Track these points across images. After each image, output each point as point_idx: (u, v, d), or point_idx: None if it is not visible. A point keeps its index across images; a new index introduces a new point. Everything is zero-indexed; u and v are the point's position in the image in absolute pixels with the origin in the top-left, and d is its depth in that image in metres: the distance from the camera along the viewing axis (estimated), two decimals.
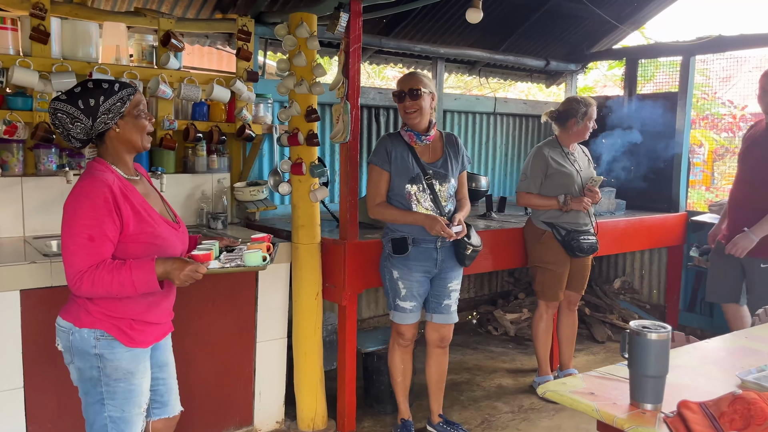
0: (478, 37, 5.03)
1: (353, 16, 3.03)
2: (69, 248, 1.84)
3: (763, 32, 4.67)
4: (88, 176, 1.90)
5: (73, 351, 1.94)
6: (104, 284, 1.83)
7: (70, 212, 1.85)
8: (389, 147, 3.01)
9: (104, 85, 1.92)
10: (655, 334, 1.54)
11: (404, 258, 3.01)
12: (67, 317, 1.95)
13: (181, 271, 1.88)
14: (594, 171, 3.81)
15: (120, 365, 1.93)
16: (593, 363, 4.42)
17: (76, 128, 1.90)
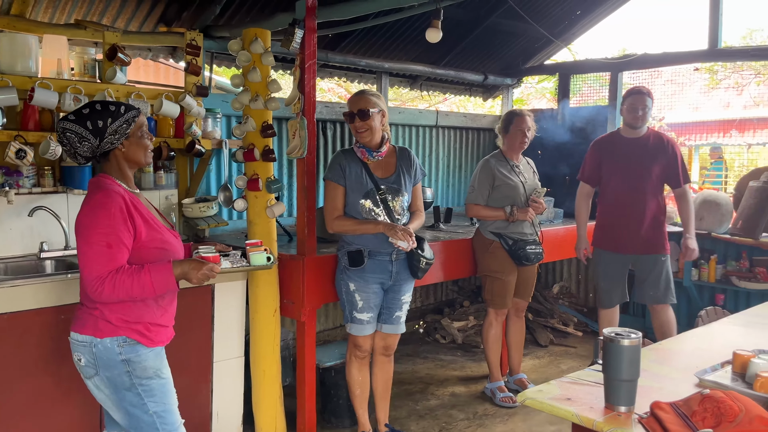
0: (421, 52, 5.15)
1: (308, 33, 3.04)
2: (88, 255, 1.93)
3: (683, 50, 5.03)
4: (100, 189, 2.00)
5: (98, 363, 2.01)
6: (125, 287, 1.93)
7: (87, 222, 1.95)
8: (343, 163, 3.04)
9: (111, 107, 2.03)
10: (627, 340, 1.64)
11: (360, 270, 3.04)
12: (85, 331, 2.02)
13: (199, 271, 2.04)
14: (539, 182, 3.97)
15: (147, 364, 2.04)
16: (539, 366, 4.58)
17: (83, 147, 2.01)
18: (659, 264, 3.92)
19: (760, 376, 1.73)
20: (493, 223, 3.80)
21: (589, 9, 5.42)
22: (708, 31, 4.81)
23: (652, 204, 3.86)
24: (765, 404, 1.60)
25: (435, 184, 5.58)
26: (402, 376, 4.28)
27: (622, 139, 3.96)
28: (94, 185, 2.04)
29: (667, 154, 3.89)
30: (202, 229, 3.71)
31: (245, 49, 3.09)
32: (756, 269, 4.66)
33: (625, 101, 3.93)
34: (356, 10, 3.19)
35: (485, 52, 5.54)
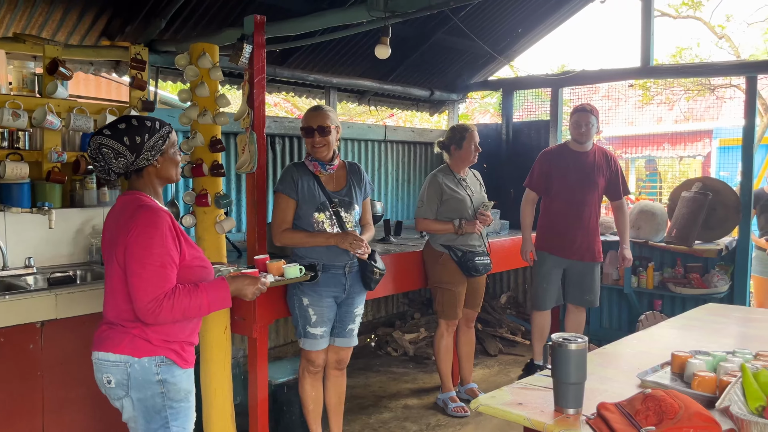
0: (368, 68, 5.21)
1: (257, 48, 3.05)
2: (142, 277, 1.89)
3: (618, 67, 5.27)
4: (145, 209, 1.95)
5: (130, 384, 1.96)
6: (182, 307, 1.92)
7: (141, 242, 1.90)
8: (296, 176, 3.05)
9: (147, 122, 2.00)
10: (574, 344, 1.71)
11: (314, 284, 3.03)
12: (121, 350, 1.96)
13: (253, 286, 2.12)
14: (485, 195, 4.08)
15: (181, 386, 2.03)
16: (489, 376, 4.66)
17: (118, 163, 1.97)
18: (595, 270, 4.19)
19: (697, 376, 1.83)
20: (443, 235, 3.87)
21: (530, 27, 5.62)
22: (640, 49, 5.06)
23: (593, 214, 4.10)
24: (702, 401, 1.69)
25: (384, 197, 5.63)
26: (355, 390, 4.28)
27: (569, 151, 4.16)
28: (135, 204, 1.97)
29: (610, 168, 4.16)
30: None
31: (193, 64, 3.07)
32: (690, 275, 4.90)
33: (571, 117, 4.18)
34: (304, 26, 3.21)
35: (431, 68, 5.66)
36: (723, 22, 9.84)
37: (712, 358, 1.98)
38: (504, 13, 5.23)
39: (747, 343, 2.33)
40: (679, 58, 9.71)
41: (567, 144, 4.25)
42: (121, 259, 1.93)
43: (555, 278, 4.21)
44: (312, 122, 3.02)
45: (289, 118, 5.12)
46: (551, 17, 5.54)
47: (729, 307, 3.12)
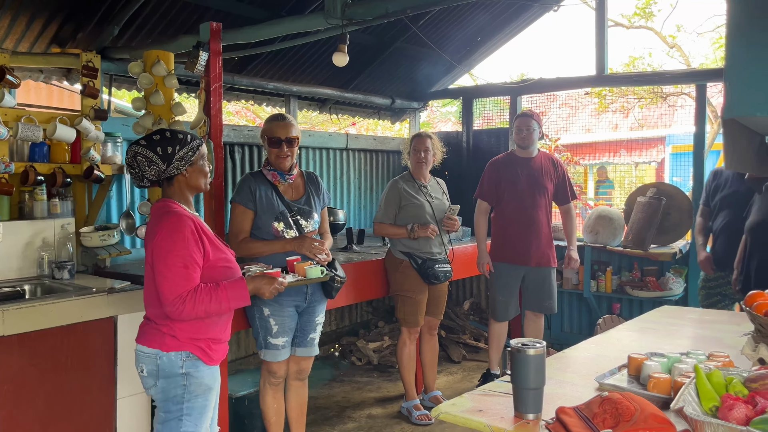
0: (329, 76, 5.20)
1: (213, 55, 3.01)
2: (167, 276, 2.05)
3: (574, 76, 5.38)
4: (171, 214, 2.12)
5: (158, 374, 2.13)
6: (204, 304, 2.07)
7: (164, 245, 2.07)
8: (253, 186, 3.01)
9: (179, 135, 2.20)
10: (532, 350, 1.71)
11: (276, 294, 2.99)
12: (152, 344, 2.14)
13: (271, 285, 2.25)
14: (448, 202, 4.10)
15: (203, 381, 2.16)
16: (453, 383, 4.67)
17: (151, 170, 2.16)
18: (552, 275, 4.23)
19: (653, 377, 1.85)
20: (403, 242, 3.87)
21: (489, 36, 5.69)
22: (595, 58, 5.18)
23: (545, 219, 4.15)
24: (658, 403, 1.71)
25: (347, 206, 5.61)
26: (318, 401, 4.23)
27: (516, 158, 4.22)
28: (163, 210, 2.16)
29: (557, 173, 4.24)
30: (102, 258, 3.52)
31: (147, 72, 3.00)
32: (647, 278, 5.01)
33: (513, 124, 4.26)
34: (262, 34, 3.18)
35: (392, 76, 5.68)
36: (674, 32, 10.16)
37: (666, 360, 2.01)
38: (463, 23, 5.29)
39: (701, 344, 2.38)
40: (633, 67, 9.98)
41: (513, 152, 4.30)
42: (150, 260, 2.13)
43: (513, 289, 4.23)
44: (280, 133, 2.99)
45: (249, 126, 5.06)
46: (509, 26, 5.63)
47: (683, 309, 3.19)
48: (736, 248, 3.76)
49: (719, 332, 2.60)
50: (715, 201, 4.10)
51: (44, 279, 3.24)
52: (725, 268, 3.97)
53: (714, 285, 4.08)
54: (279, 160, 3.00)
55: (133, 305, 3.00)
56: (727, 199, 4.01)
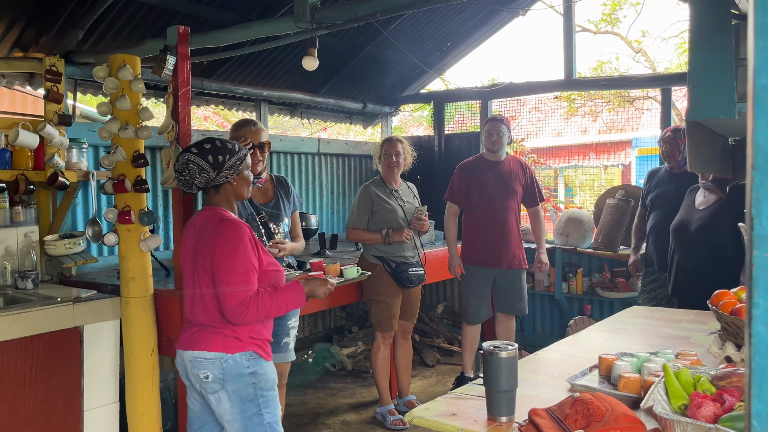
0: (300, 80, 5.17)
1: (181, 59, 2.96)
2: (230, 283, 2.12)
3: (544, 80, 5.44)
4: (229, 222, 2.20)
5: (225, 377, 2.17)
6: (266, 308, 2.16)
7: (227, 252, 2.14)
8: None
9: (228, 144, 2.26)
10: (504, 352, 1.72)
11: None
12: (214, 348, 2.18)
13: (324, 287, 2.36)
14: (418, 204, 4.10)
15: (268, 376, 2.26)
16: (427, 386, 4.67)
17: (201, 178, 2.21)
18: (522, 278, 4.27)
19: (623, 377, 1.87)
20: (376, 247, 3.86)
21: (459, 41, 5.73)
22: (564, 63, 5.25)
23: (514, 222, 4.20)
24: (628, 402, 1.73)
25: (319, 211, 5.59)
26: (292, 408, 4.18)
27: (485, 162, 4.25)
28: (218, 218, 2.22)
29: (525, 175, 4.28)
30: (68, 267, 3.44)
31: (113, 76, 2.95)
32: (616, 280, 5.08)
33: (483, 128, 4.28)
34: (230, 38, 3.15)
35: (364, 80, 5.68)
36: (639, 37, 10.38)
37: (636, 360, 2.04)
38: (433, 27, 5.32)
39: (669, 344, 2.42)
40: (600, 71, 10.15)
41: (482, 155, 4.34)
42: (208, 268, 2.16)
43: (485, 292, 4.24)
44: (253, 139, 2.95)
45: (219, 131, 5.00)
46: (479, 31, 5.67)
47: (652, 309, 3.24)
48: (663, 249, 3.84)
49: (687, 331, 2.64)
50: (648, 201, 4.16)
51: (7, 289, 3.15)
52: (660, 269, 4.00)
53: (652, 288, 4.11)
54: (252, 166, 2.97)
55: (99, 315, 2.94)
56: (656, 200, 4.08)
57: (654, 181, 4.17)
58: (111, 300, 2.98)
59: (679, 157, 3.98)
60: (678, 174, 4.01)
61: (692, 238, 3.42)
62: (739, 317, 2.08)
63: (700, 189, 3.48)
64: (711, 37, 1.72)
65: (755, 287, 0.57)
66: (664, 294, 4.00)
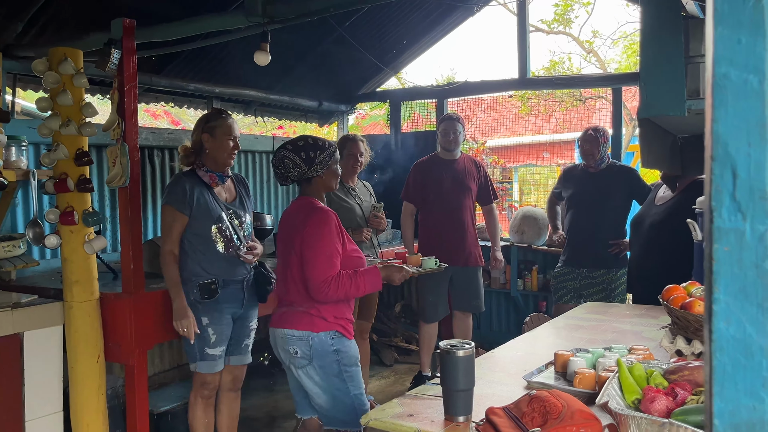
0: (253, 77, 5.06)
1: (126, 54, 2.85)
2: (314, 263, 2.34)
3: (498, 79, 5.49)
4: (318, 210, 2.44)
5: (312, 354, 2.38)
6: (345, 288, 2.36)
7: (314, 235, 2.37)
8: (188, 187, 2.86)
9: (319, 142, 2.50)
10: (461, 351, 1.70)
11: (214, 302, 2.88)
12: (301, 326, 2.39)
13: (400, 273, 2.58)
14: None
15: (351, 353, 2.44)
16: (386, 386, 4.64)
17: (294, 172, 2.48)
18: (478, 275, 4.30)
19: (578, 373, 1.88)
20: None
21: (415, 39, 5.72)
22: (517, 62, 5.30)
23: (470, 219, 4.23)
24: (584, 398, 1.73)
25: (275, 210, 5.49)
26: (247, 412, 4.09)
27: (440, 160, 4.27)
28: (308, 206, 2.47)
29: (479, 174, 4.32)
30: (7, 271, 3.27)
31: (53, 70, 2.81)
32: None
33: (439, 126, 4.31)
34: (179, 32, 3.04)
35: (319, 78, 5.61)
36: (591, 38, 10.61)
37: (591, 355, 2.06)
38: (389, 25, 5.29)
39: (622, 338, 2.45)
40: (553, 71, 10.32)
41: (437, 154, 4.36)
42: (298, 250, 2.38)
43: (442, 290, 4.24)
44: (234, 130, 2.94)
45: (169, 129, 4.86)
46: (434, 30, 5.68)
47: (605, 305, 3.29)
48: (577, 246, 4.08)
49: (639, 326, 2.69)
50: (566, 199, 4.32)
51: None
52: (571, 264, 4.17)
53: (561, 280, 4.25)
54: (231, 158, 2.95)
55: (41, 320, 2.80)
56: (573, 199, 4.23)
57: (571, 179, 4.27)
58: (53, 305, 2.84)
59: (598, 156, 4.09)
60: (594, 173, 4.14)
61: (646, 233, 3.50)
62: (689, 311, 2.12)
63: (663, 185, 3.55)
64: (661, 35, 1.74)
65: (715, 282, 0.55)
66: (572, 287, 4.16)
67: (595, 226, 4.08)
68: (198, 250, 2.88)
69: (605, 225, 4.09)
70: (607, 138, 4.19)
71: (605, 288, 4.10)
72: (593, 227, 4.09)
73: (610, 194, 4.10)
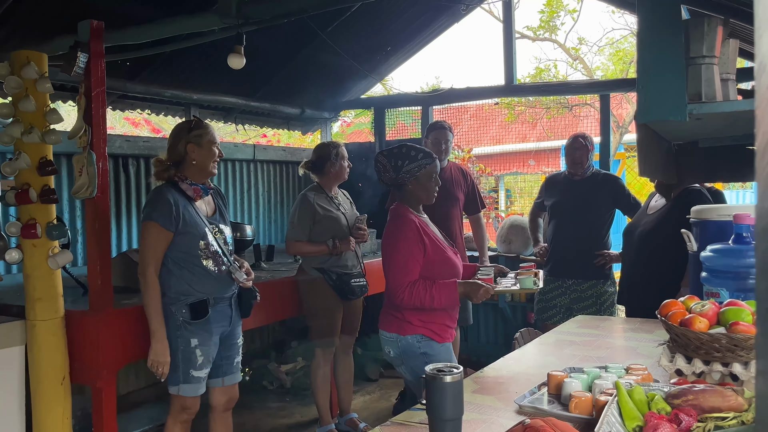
0: (234, 84, 4.92)
1: (94, 57, 2.70)
2: (391, 269, 2.45)
3: (484, 86, 5.39)
4: (399, 218, 2.52)
5: (403, 356, 2.49)
6: (419, 297, 2.39)
7: (390, 242, 2.48)
8: (173, 201, 2.65)
9: (412, 152, 2.55)
10: (449, 376, 1.56)
11: (204, 322, 2.70)
12: (391, 329, 2.51)
13: (479, 291, 2.46)
14: (357, 213, 3.93)
15: (440, 357, 2.45)
16: (370, 402, 4.49)
17: (386, 176, 2.58)
18: None
19: (574, 397, 1.75)
20: (316, 258, 3.67)
21: (400, 45, 5.61)
22: (504, 69, 5.21)
23: (458, 229, 4.14)
24: (581, 425, 1.61)
25: (255, 220, 5.34)
26: None
27: None
28: (394, 213, 2.57)
29: (467, 183, 4.21)
30: None
31: (15, 75, 2.65)
32: None
33: (428, 135, 4.16)
34: (149, 34, 2.90)
35: (302, 85, 5.47)
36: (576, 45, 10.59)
37: (586, 376, 1.93)
38: (372, 31, 5.17)
39: (617, 355, 2.33)
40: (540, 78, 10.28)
41: None
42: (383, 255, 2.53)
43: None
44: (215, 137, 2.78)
45: (145, 137, 4.70)
46: (419, 35, 5.57)
47: (597, 318, 3.17)
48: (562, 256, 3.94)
49: (633, 341, 2.57)
50: (548, 209, 4.20)
51: None
52: (556, 275, 4.01)
53: (550, 297, 4.09)
54: (215, 167, 2.78)
55: (1, 340, 2.62)
56: (555, 208, 4.12)
57: (554, 188, 4.17)
58: (15, 324, 2.67)
59: (587, 164, 4.01)
60: (578, 181, 4.04)
61: (635, 243, 3.39)
62: (689, 328, 2.00)
63: (657, 194, 3.44)
64: (660, 35, 1.63)
65: None
66: (561, 303, 3.99)
67: (579, 236, 3.98)
68: (185, 269, 2.68)
69: (589, 234, 3.99)
70: (593, 145, 4.11)
71: (596, 302, 3.98)
72: (577, 236, 3.98)
73: (594, 203, 4.00)
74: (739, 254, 2.20)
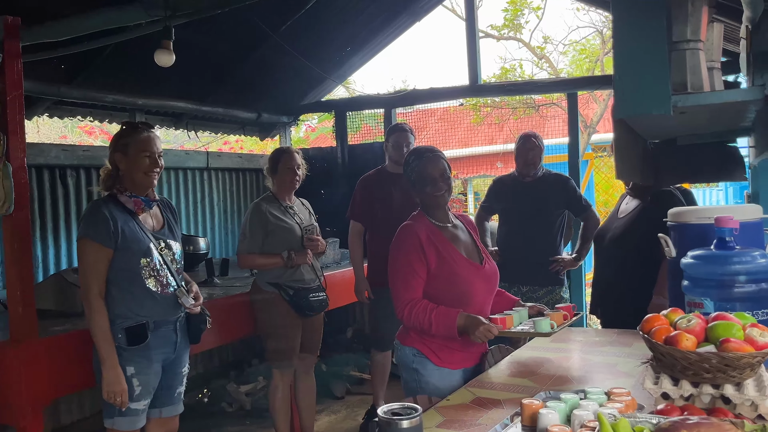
0: (184, 88, 4.62)
1: (9, 57, 2.42)
2: (394, 285, 2.32)
3: (448, 86, 5.20)
4: (401, 228, 2.40)
5: (400, 364, 2.38)
6: (417, 319, 2.24)
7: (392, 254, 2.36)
8: (111, 216, 2.40)
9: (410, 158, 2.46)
10: (407, 421, 1.33)
11: (144, 348, 2.44)
12: (398, 336, 2.42)
13: (477, 329, 2.17)
14: (317, 224, 3.68)
15: (430, 381, 2.26)
16: (336, 422, 4.24)
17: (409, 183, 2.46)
18: None
19: None
20: (271, 272, 3.41)
21: (359, 46, 5.39)
22: (468, 69, 5.02)
23: None
24: None
25: (210, 232, 5.05)
26: None
27: (389, 175, 3.91)
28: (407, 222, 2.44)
29: None
30: None
31: None
32: None
33: (389, 138, 3.94)
34: (70, 30, 2.60)
35: (258, 88, 5.20)
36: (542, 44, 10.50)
37: (564, 405, 1.72)
38: (330, 31, 4.94)
39: (596, 374, 2.14)
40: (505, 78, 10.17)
41: (385, 167, 3.99)
42: None
43: (392, 314, 3.85)
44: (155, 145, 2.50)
45: (84, 146, 4.38)
46: (379, 35, 5.36)
47: (572, 331, 2.98)
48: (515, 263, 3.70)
49: (612, 356, 2.38)
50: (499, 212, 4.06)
51: None
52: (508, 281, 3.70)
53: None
54: (151, 177, 2.49)
55: None
56: (506, 212, 3.97)
57: (503, 192, 3.99)
58: None
59: (539, 165, 3.84)
60: (529, 183, 3.87)
61: (606, 248, 3.21)
62: (675, 347, 1.81)
63: (627, 196, 3.26)
64: (639, 18, 1.42)
65: None
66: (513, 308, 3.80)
67: (532, 240, 3.79)
68: (123, 288, 2.42)
69: (543, 238, 3.81)
70: (544, 145, 3.95)
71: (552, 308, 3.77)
72: (530, 241, 3.79)
73: (545, 205, 3.82)
74: (723, 261, 2.02)
